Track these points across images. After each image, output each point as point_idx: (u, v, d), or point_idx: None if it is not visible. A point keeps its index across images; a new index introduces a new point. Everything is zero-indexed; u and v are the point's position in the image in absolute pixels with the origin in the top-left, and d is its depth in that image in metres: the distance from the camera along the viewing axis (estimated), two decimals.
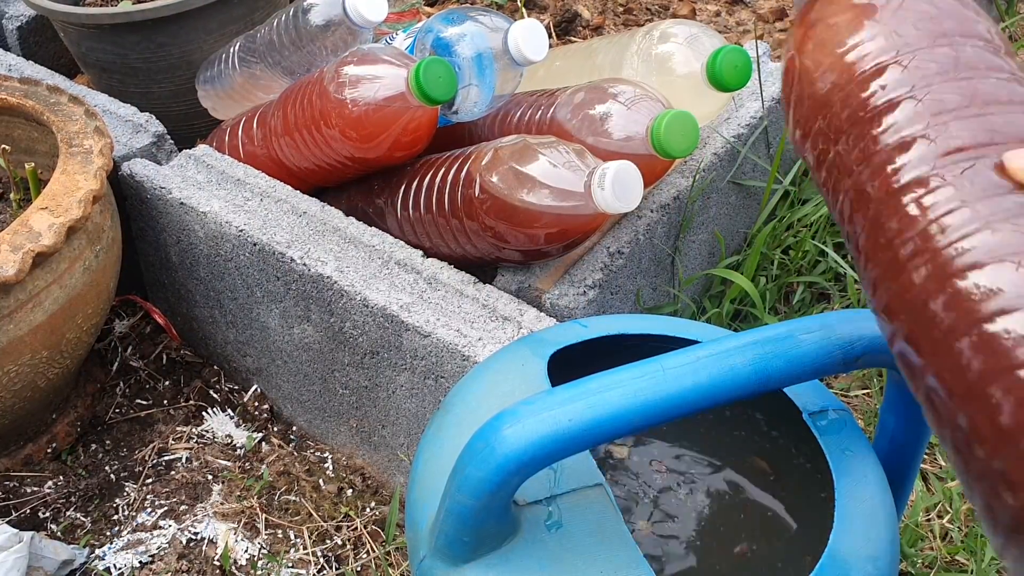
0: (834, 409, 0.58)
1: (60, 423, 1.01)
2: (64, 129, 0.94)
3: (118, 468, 1.01)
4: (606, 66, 1.02)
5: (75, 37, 1.20)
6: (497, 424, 0.46)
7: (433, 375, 0.84)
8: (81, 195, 0.87)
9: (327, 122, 0.92)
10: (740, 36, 1.62)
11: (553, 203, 0.81)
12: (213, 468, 1.01)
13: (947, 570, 0.91)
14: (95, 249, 0.91)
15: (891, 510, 0.55)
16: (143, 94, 1.22)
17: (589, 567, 0.50)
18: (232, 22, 1.19)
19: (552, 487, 0.53)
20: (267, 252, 0.92)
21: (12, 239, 0.82)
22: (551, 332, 0.63)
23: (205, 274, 1.01)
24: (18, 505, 0.97)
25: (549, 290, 0.88)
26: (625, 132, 0.88)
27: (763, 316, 1.06)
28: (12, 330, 0.84)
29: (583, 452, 0.51)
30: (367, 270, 0.88)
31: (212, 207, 0.95)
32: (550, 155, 0.82)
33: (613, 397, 0.46)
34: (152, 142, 1.06)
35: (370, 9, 0.97)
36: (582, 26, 1.64)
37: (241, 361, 1.07)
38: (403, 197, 0.95)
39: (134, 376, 1.10)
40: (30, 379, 0.88)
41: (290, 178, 1.01)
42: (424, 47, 0.96)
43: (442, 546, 0.51)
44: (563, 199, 0.81)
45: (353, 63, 0.91)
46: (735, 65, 0.91)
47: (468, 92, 0.94)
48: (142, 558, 0.92)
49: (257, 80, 1.09)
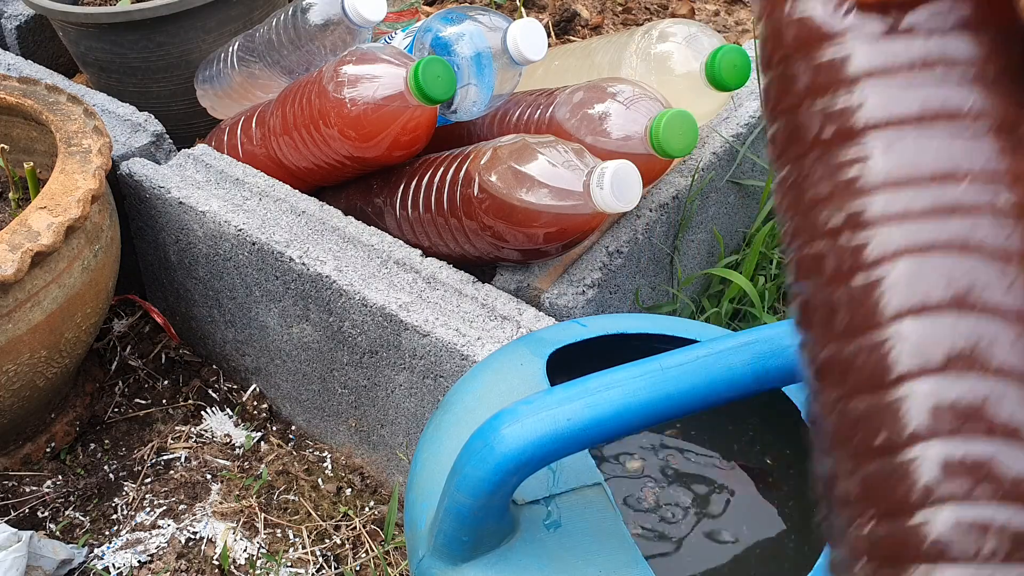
0: None
1: (59, 422, 1.01)
2: (63, 128, 0.94)
3: (117, 467, 1.01)
4: (605, 65, 1.02)
5: (74, 36, 1.20)
6: (496, 423, 0.46)
7: (432, 374, 0.84)
8: (80, 194, 0.87)
9: (326, 121, 0.92)
10: (739, 35, 1.62)
11: (552, 202, 0.81)
12: (212, 467, 1.01)
13: None
14: (94, 248, 0.91)
15: None
16: (142, 93, 1.22)
17: (588, 566, 0.50)
18: (231, 21, 1.19)
19: (551, 486, 0.53)
20: (266, 251, 0.92)
21: (11, 238, 0.82)
22: (550, 331, 0.63)
23: (204, 273, 1.01)
24: (17, 504, 0.97)
25: (548, 289, 0.88)
26: (624, 131, 0.88)
27: (762, 315, 1.06)
28: (11, 329, 0.84)
29: (582, 451, 0.51)
30: (366, 269, 0.88)
31: (211, 206, 0.95)
32: (549, 154, 0.82)
33: (612, 396, 0.46)
34: (151, 141, 1.06)
35: (369, 8, 0.97)
36: (581, 25, 1.64)
37: (240, 360, 1.07)
38: (402, 196, 0.95)
39: (133, 375, 1.10)
40: (29, 379, 0.88)
41: (289, 177, 1.01)
42: (423, 46, 0.96)
43: (441, 545, 0.51)
44: (562, 198, 0.81)
45: (352, 62, 0.91)
46: (734, 64, 0.91)
47: (467, 91, 0.94)
48: (141, 557, 0.92)
49: (256, 79, 1.09)
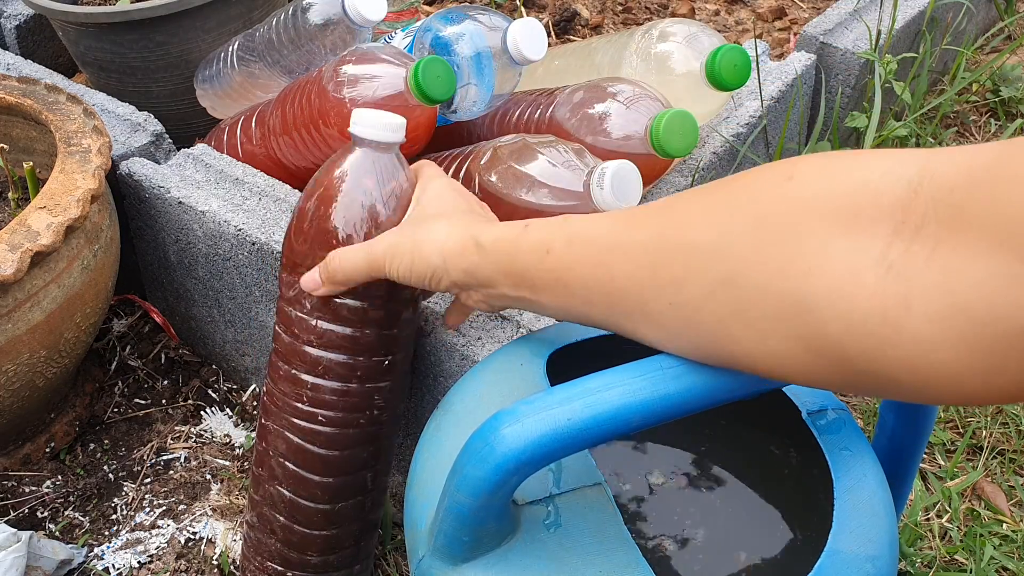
0: (833, 408, 0.58)
1: (58, 422, 1.01)
2: (62, 128, 0.94)
3: (116, 468, 1.01)
4: (605, 65, 1.02)
5: (73, 36, 1.20)
6: (496, 423, 0.46)
7: (432, 374, 0.84)
8: (79, 194, 0.87)
9: (326, 121, 0.92)
10: (739, 35, 1.62)
11: (552, 202, 0.81)
12: (212, 467, 1.01)
13: (946, 569, 0.91)
14: (93, 248, 0.91)
15: (890, 509, 0.55)
16: (141, 93, 1.22)
17: (588, 567, 0.50)
18: (231, 21, 1.19)
19: (551, 487, 0.53)
20: (266, 251, 0.91)
21: (10, 238, 0.82)
22: (550, 331, 0.63)
23: (203, 273, 1.01)
24: (16, 505, 0.97)
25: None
26: (624, 131, 0.88)
27: None
28: (10, 329, 0.84)
29: (582, 451, 0.51)
30: None
31: (211, 206, 0.95)
32: (549, 154, 0.82)
33: (612, 396, 0.46)
34: (150, 141, 1.06)
35: (369, 8, 0.97)
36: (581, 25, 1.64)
37: (240, 360, 1.07)
38: None
39: (132, 375, 1.10)
40: (28, 379, 0.88)
41: (289, 177, 1.01)
42: (423, 46, 0.96)
43: (441, 545, 0.51)
44: (562, 198, 0.81)
45: (352, 62, 0.91)
46: (734, 64, 0.91)
47: (467, 91, 0.94)
48: (140, 558, 0.92)
49: (256, 79, 1.09)
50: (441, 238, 0.60)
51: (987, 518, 0.96)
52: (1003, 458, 1.02)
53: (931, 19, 1.39)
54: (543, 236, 0.54)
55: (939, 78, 1.52)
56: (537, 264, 0.54)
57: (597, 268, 0.51)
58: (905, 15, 1.34)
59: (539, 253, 0.54)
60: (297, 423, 0.72)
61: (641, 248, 0.48)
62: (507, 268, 0.56)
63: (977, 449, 1.03)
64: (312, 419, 0.71)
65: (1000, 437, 1.03)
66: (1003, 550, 0.92)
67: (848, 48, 1.26)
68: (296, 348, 0.71)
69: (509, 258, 0.56)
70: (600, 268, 0.50)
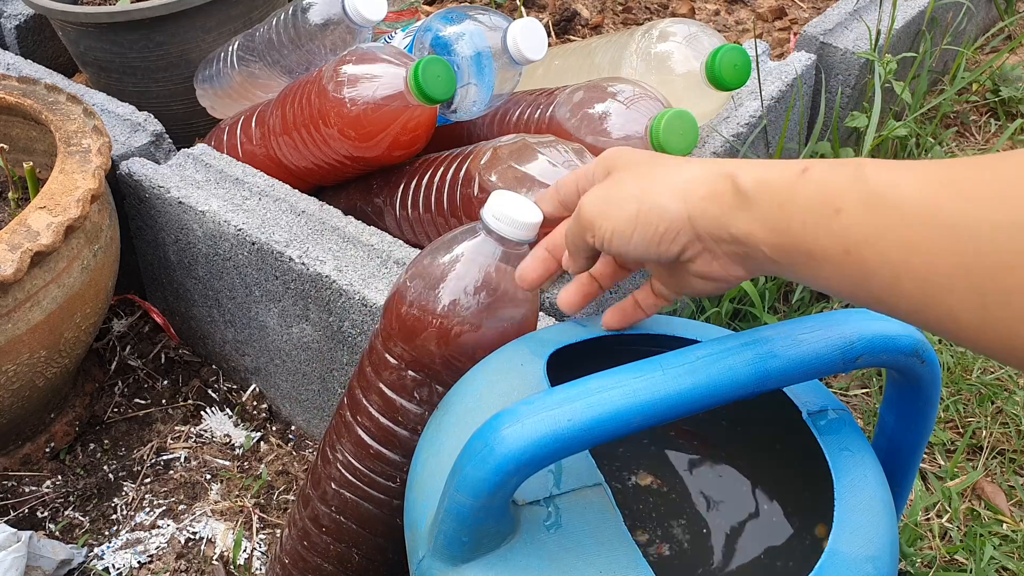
0: (833, 409, 0.58)
1: (58, 422, 1.01)
2: (62, 128, 0.94)
3: (116, 467, 1.01)
4: (605, 65, 1.02)
5: (73, 36, 1.20)
6: (496, 424, 0.46)
7: None
8: (79, 194, 0.86)
9: (326, 121, 0.92)
10: (739, 35, 1.62)
11: None
12: (211, 467, 1.01)
13: (946, 569, 0.91)
14: (93, 248, 0.91)
15: (890, 509, 0.55)
16: (141, 93, 1.22)
17: (588, 567, 0.50)
18: (231, 21, 1.19)
19: (551, 487, 0.53)
20: (265, 251, 0.91)
21: (10, 238, 0.82)
22: (550, 332, 0.63)
23: (203, 273, 1.01)
24: (16, 505, 0.97)
25: (548, 289, 0.88)
26: (624, 131, 0.88)
27: (762, 315, 1.06)
28: (10, 329, 0.84)
29: (582, 452, 0.51)
30: (366, 269, 0.87)
31: (211, 206, 0.95)
32: (549, 154, 0.82)
33: (612, 397, 0.46)
34: (150, 141, 1.06)
35: (369, 8, 0.97)
36: (581, 25, 1.64)
37: (239, 360, 1.07)
38: (402, 196, 0.95)
39: (132, 375, 1.10)
40: (28, 379, 0.88)
41: (289, 177, 1.01)
42: (423, 46, 0.96)
43: (441, 546, 0.51)
44: None
45: (352, 62, 0.91)
46: (734, 64, 0.91)
47: (467, 91, 0.94)
48: (140, 558, 0.92)
49: (256, 79, 1.09)
50: (681, 179, 0.46)
51: (987, 518, 0.96)
52: (1003, 458, 1.02)
53: (931, 19, 1.39)
54: (829, 189, 0.41)
55: (939, 78, 1.52)
56: (819, 225, 0.40)
57: (910, 250, 0.37)
58: (905, 15, 1.34)
59: (823, 212, 0.40)
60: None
61: (989, 228, 0.35)
62: (774, 224, 0.42)
63: (977, 449, 1.03)
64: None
65: (1000, 437, 1.03)
66: (1003, 550, 0.92)
67: (848, 48, 1.26)
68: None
69: (780, 211, 0.42)
70: (917, 253, 0.37)
